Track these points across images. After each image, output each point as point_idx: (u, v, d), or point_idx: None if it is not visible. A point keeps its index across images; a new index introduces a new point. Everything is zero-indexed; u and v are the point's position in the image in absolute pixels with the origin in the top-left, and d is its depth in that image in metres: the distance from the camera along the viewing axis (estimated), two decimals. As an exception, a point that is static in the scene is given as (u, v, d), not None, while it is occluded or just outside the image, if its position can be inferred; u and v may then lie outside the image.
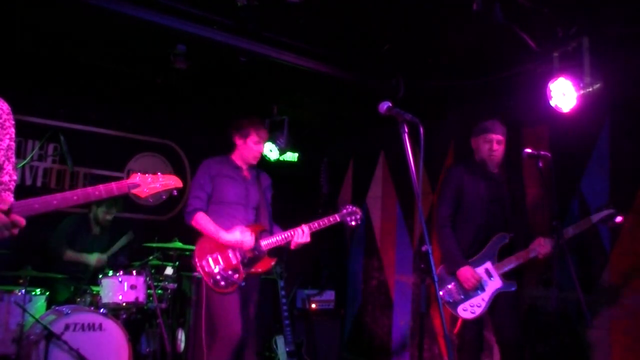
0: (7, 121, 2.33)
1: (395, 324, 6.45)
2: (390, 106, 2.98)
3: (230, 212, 4.45)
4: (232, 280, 4.21)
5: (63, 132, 5.87)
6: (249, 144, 4.55)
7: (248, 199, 4.55)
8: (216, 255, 4.27)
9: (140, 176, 2.43)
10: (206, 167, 4.54)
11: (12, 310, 4.59)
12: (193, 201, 4.42)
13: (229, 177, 4.52)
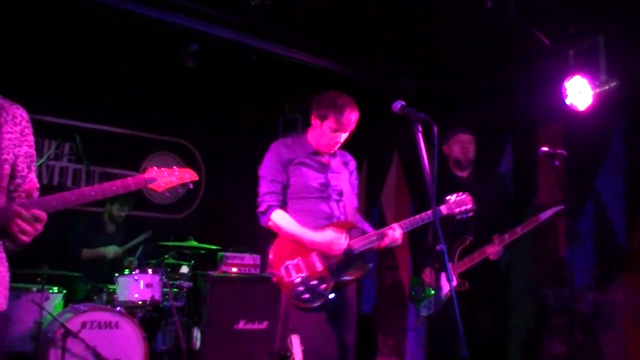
0: (26, 128, 2.34)
1: (410, 324, 6.44)
2: (403, 105, 2.98)
3: (309, 208, 3.58)
4: (319, 292, 3.36)
5: (79, 131, 5.92)
6: (325, 130, 3.56)
7: (329, 190, 3.62)
8: (297, 261, 3.42)
9: (157, 170, 2.43)
10: (277, 152, 3.63)
11: (29, 308, 4.64)
12: (266, 198, 3.56)
13: (305, 164, 3.61)
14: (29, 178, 2.35)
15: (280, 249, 3.48)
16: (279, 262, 3.43)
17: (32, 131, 2.38)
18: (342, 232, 3.45)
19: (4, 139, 2.24)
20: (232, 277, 5.59)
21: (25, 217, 2.05)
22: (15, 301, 4.63)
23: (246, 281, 5.63)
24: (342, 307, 3.52)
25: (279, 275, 3.38)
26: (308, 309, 3.34)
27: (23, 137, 2.32)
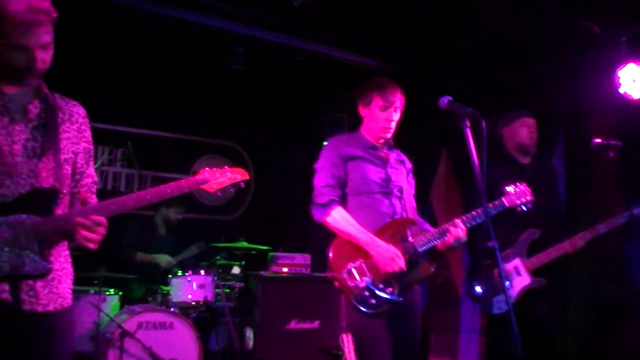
0: (83, 124, 2.41)
1: (463, 323, 6.37)
2: (450, 100, 2.94)
3: (371, 204, 3.33)
4: (385, 297, 3.09)
5: (130, 137, 6.05)
6: (374, 112, 3.39)
7: (390, 186, 3.39)
8: (360, 262, 3.16)
9: (209, 171, 2.46)
10: (334, 147, 3.43)
11: (88, 310, 4.76)
12: (326, 191, 3.31)
13: (364, 159, 3.40)
14: (86, 173, 2.41)
15: (340, 249, 3.21)
16: (340, 264, 3.15)
17: (89, 126, 2.44)
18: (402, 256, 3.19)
19: (62, 138, 2.29)
20: (283, 277, 5.62)
21: (88, 226, 2.11)
22: (74, 303, 4.72)
23: (297, 281, 5.65)
24: (408, 310, 3.29)
25: (342, 279, 3.11)
26: (374, 314, 3.09)
27: (80, 133, 2.38)
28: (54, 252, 2.26)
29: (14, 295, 2.11)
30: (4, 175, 2.13)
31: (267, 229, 6.98)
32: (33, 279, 2.13)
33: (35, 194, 2.17)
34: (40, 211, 2.13)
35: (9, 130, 2.17)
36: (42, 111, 2.26)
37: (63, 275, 2.31)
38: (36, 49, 2.11)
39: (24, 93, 2.23)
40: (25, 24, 2.05)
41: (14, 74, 2.16)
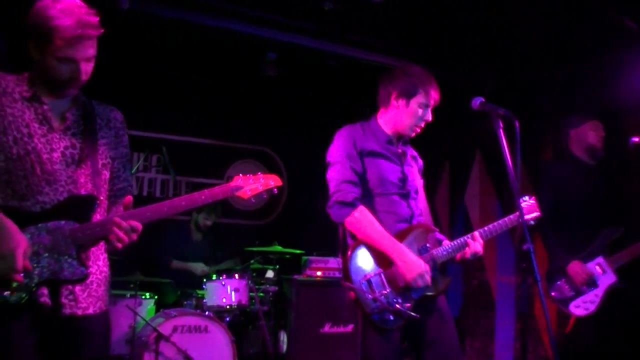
0: (121, 130, 2.47)
1: (498, 326, 6.29)
2: (483, 101, 2.91)
3: (389, 207, 3.02)
4: (404, 312, 2.83)
5: (165, 143, 6.13)
6: (412, 108, 3.06)
7: (407, 186, 3.09)
8: (380, 274, 2.88)
9: (242, 178, 2.47)
10: (350, 138, 3.06)
11: (124, 313, 4.83)
12: (346, 187, 2.94)
13: (381, 155, 3.07)
14: (123, 177, 2.46)
15: (359, 257, 2.92)
16: (358, 274, 2.87)
17: (126, 131, 2.49)
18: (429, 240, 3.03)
19: (100, 144, 2.35)
20: (317, 280, 5.62)
21: (123, 227, 2.16)
22: (111, 307, 4.81)
23: (331, 285, 5.63)
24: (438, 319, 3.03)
25: (359, 291, 2.83)
26: (388, 330, 2.85)
27: (118, 139, 2.44)
28: (92, 256, 2.31)
29: (54, 300, 2.15)
30: (43, 182, 2.18)
31: (300, 232, 6.99)
32: (71, 283, 2.18)
33: (74, 201, 2.22)
34: (78, 217, 2.18)
35: (48, 139, 2.22)
36: (79, 118, 2.32)
37: (102, 279, 2.35)
38: (82, 62, 2.18)
39: (61, 101, 2.29)
40: (74, 38, 2.12)
41: (58, 85, 2.23)
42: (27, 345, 2.12)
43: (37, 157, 2.18)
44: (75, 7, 2.15)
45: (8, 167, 2.16)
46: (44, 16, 2.12)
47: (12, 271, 2.00)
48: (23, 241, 2.04)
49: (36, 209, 2.16)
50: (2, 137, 2.16)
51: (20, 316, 2.09)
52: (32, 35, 2.17)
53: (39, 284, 2.10)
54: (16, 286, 2.05)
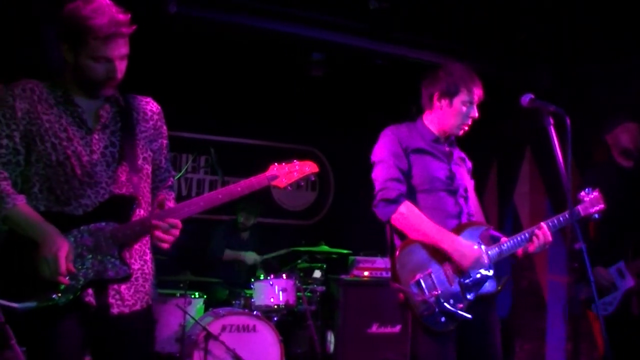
0: (159, 121, 2.47)
1: (549, 327, 6.15)
2: (532, 98, 2.85)
3: (436, 204, 2.96)
4: (456, 314, 2.73)
5: (213, 144, 6.20)
6: (456, 106, 3.01)
7: (455, 184, 3.02)
8: (430, 274, 2.79)
9: (278, 167, 2.46)
10: (395, 137, 3.03)
11: (174, 312, 4.91)
12: (391, 184, 2.90)
13: (428, 152, 3.03)
14: (163, 168, 2.49)
15: (407, 256, 2.83)
16: (407, 275, 2.77)
17: (164, 121, 2.49)
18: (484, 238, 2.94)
19: (140, 138, 2.36)
20: (364, 280, 5.60)
21: (163, 227, 2.19)
22: (162, 306, 4.93)
23: (378, 285, 5.61)
24: (485, 326, 2.94)
25: (409, 293, 2.74)
26: (441, 333, 2.76)
27: (157, 130, 2.45)
28: (136, 253, 2.34)
29: (100, 300, 2.20)
30: (85, 185, 2.21)
31: (347, 232, 6.99)
32: (116, 283, 2.22)
33: (114, 202, 2.24)
34: (118, 218, 2.22)
35: (87, 141, 2.24)
36: (115, 114, 2.33)
37: (148, 274, 2.38)
38: (116, 60, 2.19)
39: (96, 100, 2.30)
40: (108, 37, 2.13)
41: (94, 85, 2.24)
42: (75, 343, 2.17)
43: (77, 160, 2.20)
44: (105, 7, 2.16)
45: (48, 174, 2.19)
46: (77, 17, 2.13)
47: (57, 275, 2.05)
48: (65, 245, 2.08)
49: (79, 212, 2.19)
50: (40, 145, 2.19)
51: (67, 315, 2.14)
52: (65, 37, 2.18)
53: (85, 285, 2.14)
54: (63, 288, 2.10)
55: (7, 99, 2.19)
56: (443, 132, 3.09)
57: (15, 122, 2.18)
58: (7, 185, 2.15)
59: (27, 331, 2.16)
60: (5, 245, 2.17)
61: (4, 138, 2.17)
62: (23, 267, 2.10)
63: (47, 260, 2.05)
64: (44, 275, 2.06)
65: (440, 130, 3.09)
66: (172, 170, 2.57)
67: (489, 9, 4.57)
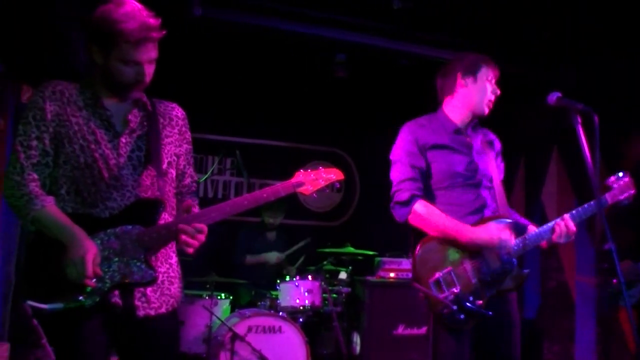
0: (184, 126, 2.49)
1: (578, 329, 6.07)
2: (560, 96, 2.81)
3: (456, 199, 2.95)
4: (475, 310, 2.71)
5: (238, 146, 6.25)
6: (481, 83, 3.01)
7: (478, 175, 2.99)
8: (449, 271, 2.80)
9: (303, 173, 2.46)
10: (411, 133, 3.03)
11: (201, 313, 4.95)
12: (405, 185, 2.92)
13: (447, 146, 3.00)
14: (188, 173, 2.51)
15: (427, 255, 2.85)
16: (426, 273, 2.80)
17: (189, 127, 2.52)
18: (507, 228, 2.87)
19: (165, 144, 2.39)
20: (390, 282, 5.58)
21: (189, 232, 2.20)
22: (188, 306, 4.98)
23: (404, 286, 5.58)
24: (503, 323, 2.91)
25: (428, 293, 2.76)
26: (460, 330, 2.77)
27: (182, 135, 2.47)
28: (162, 256, 2.36)
29: (127, 302, 2.22)
30: (111, 188, 2.23)
31: (373, 233, 6.97)
32: (141, 286, 2.24)
33: (140, 205, 2.26)
34: (144, 221, 2.23)
35: (115, 144, 2.27)
36: (142, 119, 2.35)
37: (174, 277, 2.40)
38: (145, 64, 2.22)
39: (124, 104, 2.33)
40: (139, 41, 2.15)
41: (123, 87, 2.27)
42: (101, 344, 2.20)
43: (104, 163, 2.22)
44: (137, 11, 2.18)
45: (75, 176, 2.21)
46: (108, 20, 2.16)
47: (84, 277, 2.07)
48: (92, 248, 2.10)
49: (105, 215, 2.22)
50: (69, 147, 2.21)
51: (94, 317, 2.16)
52: (95, 39, 2.21)
53: (111, 287, 2.16)
54: (90, 290, 2.12)
55: (38, 101, 2.22)
56: (470, 114, 3.06)
57: (45, 124, 2.20)
58: (36, 186, 2.18)
59: (54, 332, 2.20)
60: (34, 246, 2.20)
61: (33, 140, 2.20)
62: (50, 269, 2.13)
63: (74, 263, 2.07)
64: (71, 278, 2.08)
65: (467, 113, 3.06)
66: (196, 175, 2.58)
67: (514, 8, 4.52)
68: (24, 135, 2.20)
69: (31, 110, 2.22)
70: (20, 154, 2.18)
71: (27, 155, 2.19)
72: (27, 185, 2.16)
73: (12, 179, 2.17)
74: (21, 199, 2.15)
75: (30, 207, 2.14)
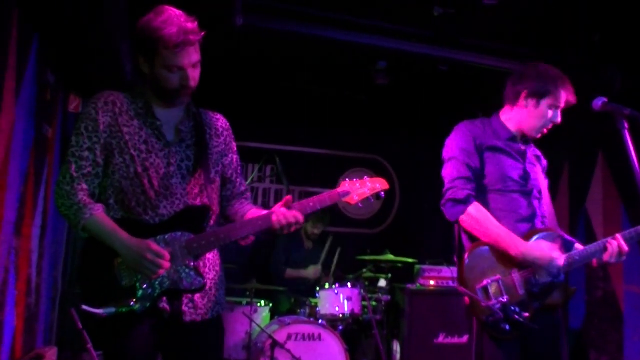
0: (229, 137, 2.55)
1: (627, 340, 5.90)
2: (605, 102, 2.75)
3: (508, 205, 2.88)
4: (521, 322, 2.62)
5: (278, 154, 6.28)
6: (542, 109, 2.92)
7: (529, 185, 2.93)
8: (498, 279, 2.74)
9: (349, 183, 2.48)
10: (468, 133, 2.95)
11: (241, 320, 4.98)
12: (460, 183, 2.84)
13: (502, 150, 2.93)
14: (239, 182, 2.56)
15: (476, 261, 2.79)
16: (474, 279, 2.74)
17: (233, 137, 2.57)
18: (556, 244, 2.82)
19: (213, 153, 2.44)
20: (430, 290, 5.53)
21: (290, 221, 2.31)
22: (229, 313, 5.01)
23: (444, 294, 5.53)
24: (551, 337, 2.85)
25: (475, 298, 2.71)
26: (505, 340, 2.72)
27: (227, 146, 2.52)
28: (209, 263, 2.39)
29: (174, 307, 2.25)
30: (161, 197, 2.28)
31: (413, 241, 6.93)
32: (190, 293, 2.27)
33: (189, 212, 2.30)
34: (193, 228, 2.27)
35: (166, 153, 2.31)
36: (192, 129, 2.40)
37: (220, 283, 2.44)
38: (188, 68, 2.25)
39: (174, 113, 2.38)
40: (177, 46, 2.19)
41: (170, 94, 2.31)
42: (148, 349, 2.24)
43: (155, 172, 2.27)
44: (174, 17, 2.22)
45: (123, 186, 2.26)
46: (149, 29, 2.20)
47: (158, 267, 2.14)
48: (145, 242, 2.16)
49: (155, 222, 2.26)
50: (119, 158, 2.26)
51: (143, 321, 2.20)
52: (140, 50, 2.26)
53: (161, 294, 2.20)
54: (140, 296, 2.17)
55: (91, 112, 2.28)
56: (521, 131, 3.00)
57: (97, 135, 2.26)
58: (85, 195, 2.23)
59: (105, 336, 2.25)
60: (87, 252, 2.25)
61: (85, 150, 2.25)
62: (104, 275, 2.19)
63: (143, 267, 2.14)
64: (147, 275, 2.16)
65: (519, 129, 3.00)
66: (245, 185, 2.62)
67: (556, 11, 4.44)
68: (76, 146, 2.26)
69: (84, 122, 2.28)
70: (71, 165, 2.24)
71: (78, 166, 2.24)
72: (77, 194, 2.22)
73: (63, 189, 2.23)
74: (71, 208, 2.21)
75: (80, 216, 2.19)
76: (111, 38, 3.96)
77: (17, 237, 3.79)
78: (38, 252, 4.33)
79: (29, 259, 4.13)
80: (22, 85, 3.71)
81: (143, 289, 2.18)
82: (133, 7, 3.60)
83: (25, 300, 4.07)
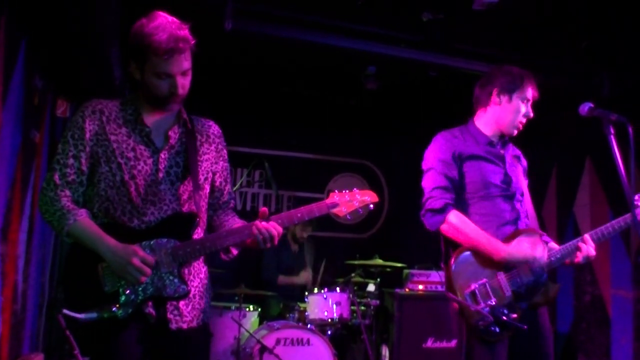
0: (220, 144, 2.53)
1: (614, 343, 5.94)
2: (592, 107, 2.76)
3: (491, 210, 2.96)
4: (511, 323, 2.71)
5: (267, 158, 6.28)
6: (515, 104, 3.01)
7: (511, 189, 3.01)
8: (484, 282, 2.81)
9: (338, 195, 2.46)
10: (445, 143, 3.03)
11: (229, 325, 4.95)
12: (437, 193, 2.92)
13: (481, 157, 3.02)
14: (226, 190, 2.55)
15: (462, 267, 2.85)
16: (462, 284, 2.81)
17: (225, 144, 2.56)
18: (540, 243, 2.89)
19: (203, 160, 2.43)
20: (419, 294, 5.54)
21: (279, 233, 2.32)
22: (217, 318, 4.99)
23: (433, 299, 5.54)
24: (537, 336, 2.90)
25: (464, 303, 2.76)
26: (495, 342, 2.77)
27: (218, 153, 2.51)
28: (193, 271, 2.38)
29: (160, 313, 2.25)
30: (149, 204, 2.27)
31: (402, 246, 6.93)
32: (174, 300, 2.26)
33: (175, 219, 2.29)
34: (179, 235, 2.26)
35: (154, 160, 2.30)
36: (181, 135, 2.39)
37: (204, 291, 2.43)
38: (177, 76, 2.24)
39: (164, 119, 2.37)
40: (167, 53, 2.18)
41: (159, 101, 2.30)
42: (135, 356, 2.22)
43: (143, 179, 2.26)
44: (167, 23, 2.21)
45: (108, 195, 2.25)
46: (140, 35, 2.19)
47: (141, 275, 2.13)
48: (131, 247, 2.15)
49: (141, 228, 2.25)
50: (105, 167, 2.26)
51: (128, 327, 2.19)
52: (131, 56, 2.26)
53: (144, 299, 2.19)
54: (123, 302, 2.15)
55: (78, 120, 2.28)
56: (498, 131, 3.09)
57: (83, 143, 2.25)
58: (68, 201, 2.23)
59: (90, 342, 2.24)
60: (70, 257, 2.25)
61: (70, 158, 2.25)
62: (86, 279, 2.18)
63: (128, 273, 2.13)
64: (131, 282, 2.15)
65: (496, 129, 3.09)
66: (234, 194, 2.61)
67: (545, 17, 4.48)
68: (61, 153, 2.26)
69: (70, 130, 2.28)
70: (55, 172, 2.24)
71: (62, 173, 2.24)
72: (60, 200, 2.22)
73: (47, 195, 2.23)
74: (55, 214, 2.21)
75: (64, 222, 2.18)
76: (100, 43, 3.94)
77: (3, 242, 3.76)
78: (25, 257, 4.29)
79: (16, 264, 4.10)
80: (9, 90, 3.68)
81: (126, 294, 2.16)
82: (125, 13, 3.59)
83: (12, 306, 4.03)
